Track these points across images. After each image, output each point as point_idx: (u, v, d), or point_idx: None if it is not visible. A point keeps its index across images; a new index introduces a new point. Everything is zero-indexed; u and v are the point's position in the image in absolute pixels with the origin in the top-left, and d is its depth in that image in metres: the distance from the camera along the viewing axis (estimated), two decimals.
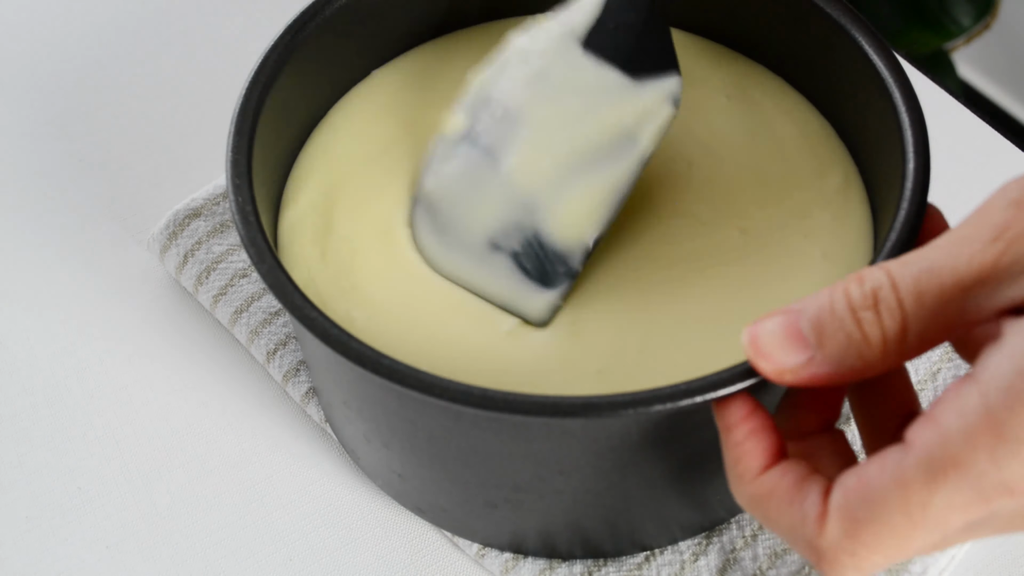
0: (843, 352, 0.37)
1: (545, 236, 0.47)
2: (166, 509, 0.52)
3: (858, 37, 0.48)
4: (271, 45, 0.49)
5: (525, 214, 0.48)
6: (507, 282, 0.48)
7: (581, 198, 0.47)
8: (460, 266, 0.48)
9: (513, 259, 0.48)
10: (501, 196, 0.48)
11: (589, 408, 0.40)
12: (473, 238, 0.48)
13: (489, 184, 0.48)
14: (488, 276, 0.48)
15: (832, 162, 0.51)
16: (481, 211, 0.48)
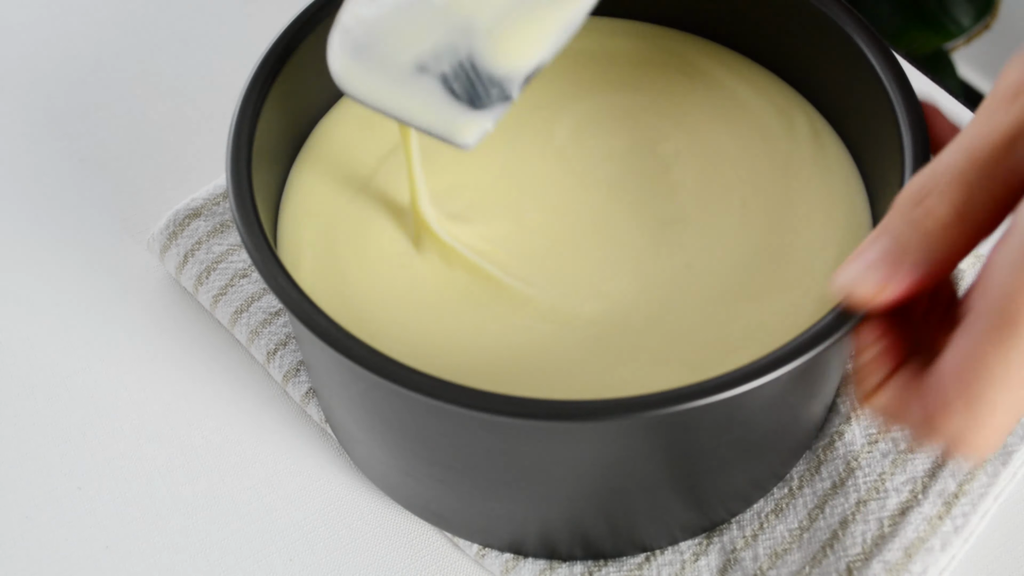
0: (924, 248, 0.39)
1: (480, 59, 0.45)
2: (166, 509, 0.52)
3: (857, 38, 0.48)
4: (271, 45, 0.49)
5: (461, 36, 0.45)
6: (432, 104, 0.45)
7: (525, 23, 0.45)
8: (380, 91, 0.46)
9: (442, 81, 0.45)
10: (438, 18, 0.45)
11: (590, 411, 0.40)
12: (399, 59, 0.45)
13: (423, 6, 0.45)
14: (410, 98, 0.46)
15: (833, 164, 0.51)
16: (413, 33, 0.45)
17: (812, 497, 0.51)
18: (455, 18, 0.45)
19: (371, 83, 0.46)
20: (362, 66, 0.46)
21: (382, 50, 0.45)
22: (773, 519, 0.50)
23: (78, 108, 0.64)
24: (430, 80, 0.45)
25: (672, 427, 0.43)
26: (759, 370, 0.40)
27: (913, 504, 0.50)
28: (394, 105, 0.46)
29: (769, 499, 0.51)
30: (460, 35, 0.45)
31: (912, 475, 0.50)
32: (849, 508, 0.50)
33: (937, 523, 0.49)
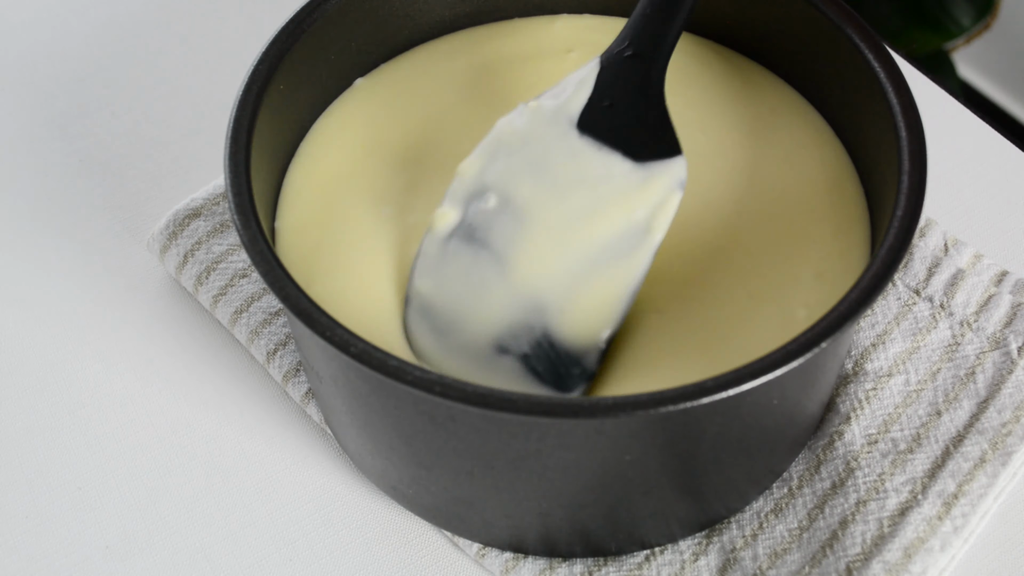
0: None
1: (556, 337, 0.44)
2: (166, 509, 0.52)
3: (856, 39, 0.48)
4: (268, 45, 0.49)
5: (533, 314, 0.44)
6: (519, 387, 0.45)
7: (593, 295, 0.44)
8: (465, 370, 0.45)
9: (523, 362, 0.45)
10: (505, 296, 0.45)
11: (590, 410, 0.40)
12: (477, 341, 0.45)
13: (492, 283, 0.45)
14: (497, 381, 0.45)
15: (831, 165, 0.51)
16: (484, 312, 0.45)
17: (812, 497, 0.51)
18: (523, 295, 0.44)
19: (458, 366, 0.45)
20: (445, 349, 0.45)
21: (460, 331, 0.45)
22: (773, 519, 0.50)
23: (78, 108, 0.64)
24: (513, 362, 0.45)
25: (671, 426, 0.43)
26: (759, 370, 0.40)
27: (913, 504, 0.50)
28: None
29: (768, 499, 0.51)
30: (532, 313, 0.44)
31: (912, 475, 0.50)
32: (849, 508, 0.50)
33: (937, 523, 0.49)
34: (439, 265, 0.46)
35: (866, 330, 0.54)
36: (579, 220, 0.44)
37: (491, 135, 0.46)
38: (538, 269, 0.44)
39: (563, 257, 0.44)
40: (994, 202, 0.59)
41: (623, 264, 0.45)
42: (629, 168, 0.44)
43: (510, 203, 0.45)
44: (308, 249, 0.49)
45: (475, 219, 0.45)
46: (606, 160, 0.45)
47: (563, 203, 0.44)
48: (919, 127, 0.46)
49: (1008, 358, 0.53)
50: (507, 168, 0.45)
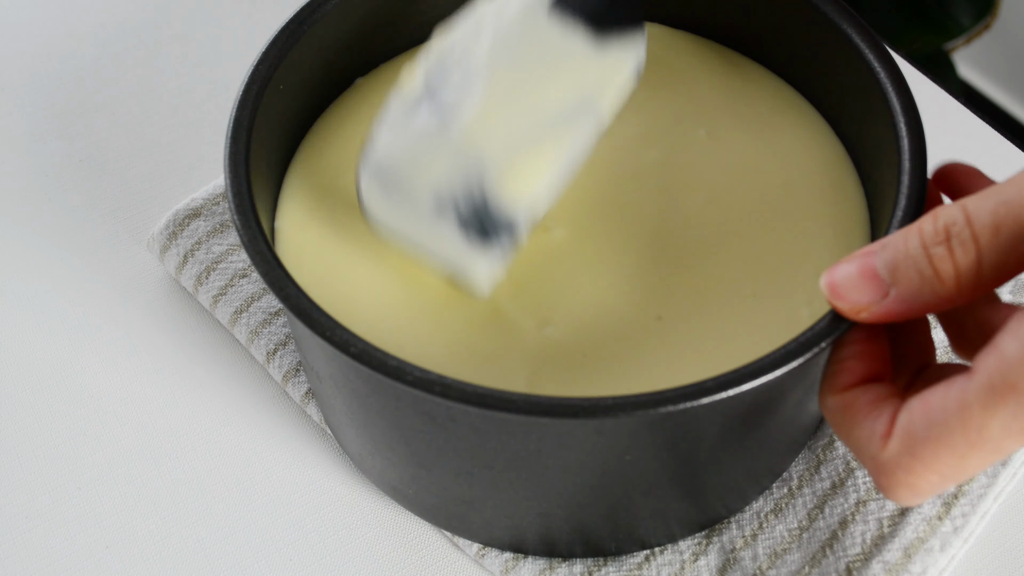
0: (917, 289, 0.38)
1: (491, 198, 0.45)
2: (166, 509, 0.52)
3: (856, 39, 0.48)
4: (267, 45, 0.49)
5: (473, 170, 0.45)
6: (451, 246, 0.46)
7: (531, 158, 0.45)
8: (406, 228, 0.47)
9: (459, 221, 0.46)
10: (451, 154, 0.46)
11: (590, 409, 0.40)
12: (420, 195, 0.46)
13: (441, 142, 0.46)
14: (433, 238, 0.46)
15: (832, 165, 0.51)
16: (430, 170, 0.46)
17: (812, 497, 0.51)
18: (467, 151, 0.45)
19: (399, 222, 0.47)
20: (390, 205, 0.46)
21: (406, 186, 0.46)
22: (772, 519, 0.50)
23: (78, 108, 0.64)
24: (450, 220, 0.46)
25: (671, 426, 0.43)
26: (759, 370, 0.40)
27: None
28: (420, 245, 0.47)
29: (768, 499, 0.51)
30: (473, 173, 0.45)
31: None
32: (849, 508, 0.50)
33: (936, 523, 0.49)
34: (398, 126, 0.47)
35: None
36: (530, 87, 0.46)
37: (471, 10, 0.47)
38: (484, 129, 0.46)
39: (509, 119, 0.45)
40: None
41: (566, 135, 0.46)
42: (588, 45, 0.46)
43: (470, 71, 0.46)
44: (308, 249, 0.49)
45: (435, 82, 0.46)
46: (569, 37, 0.46)
47: (519, 72, 0.46)
48: (919, 127, 0.46)
49: None
50: (475, 41, 0.46)
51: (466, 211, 0.45)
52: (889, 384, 0.41)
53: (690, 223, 0.50)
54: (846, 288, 0.39)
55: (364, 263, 0.49)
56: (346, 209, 0.50)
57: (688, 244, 0.49)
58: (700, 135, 0.52)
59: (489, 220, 0.46)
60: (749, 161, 0.51)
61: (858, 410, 0.40)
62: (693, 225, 0.50)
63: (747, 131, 0.52)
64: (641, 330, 0.47)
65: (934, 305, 0.38)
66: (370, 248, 0.49)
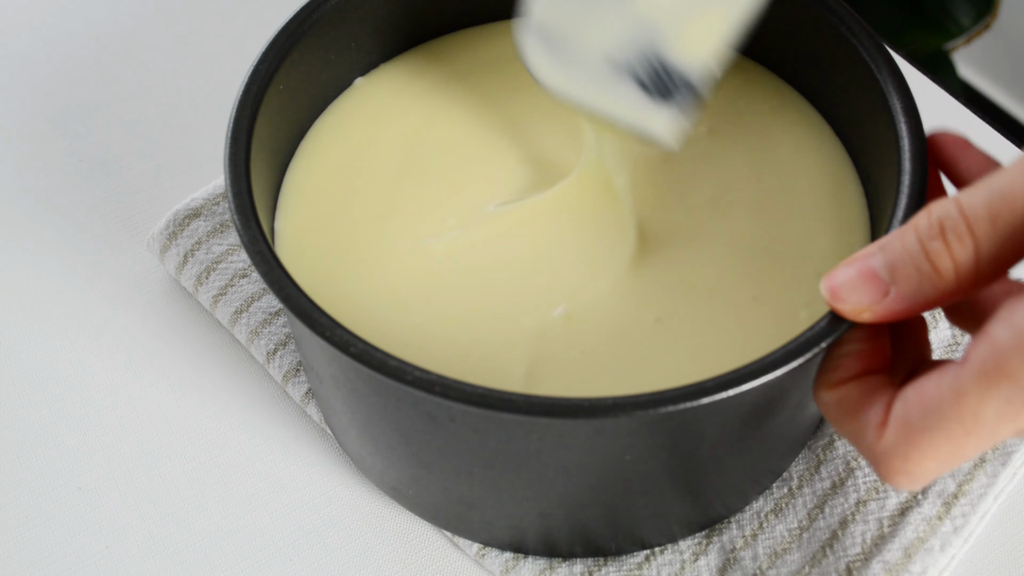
0: (916, 286, 0.38)
1: (667, 55, 0.45)
2: (166, 509, 0.52)
3: (856, 39, 0.48)
4: (267, 45, 0.49)
5: (645, 33, 0.45)
6: (629, 101, 0.46)
7: (704, 22, 0.45)
8: (578, 87, 0.47)
9: (634, 78, 0.46)
10: (620, 15, 0.45)
11: (590, 409, 0.40)
12: (591, 57, 0.46)
13: (608, 4, 0.46)
14: (610, 97, 0.47)
15: (833, 167, 0.51)
16: (599, 30, 0.46)
17: (812, 497, 0.51)
18: (637, 14, 0.45)
19: (570, 80, 0.47)
20: (557, 62, 0.46)
21: (575, 49, 0.46)
22: (773, 519, 0.50)
23: (78, 108, 0.64)
24: (623, 76, 0.46)
25: (672, 426, 0.43)
26: (759, 370, 0.40)
27: (913, 504, 0.50)
28: (595, 102, 0.47)
29: (769, 499, 0.51)
30: (644, 32, 0.45)
31: None
32: (849, 508, 0.50)
33: (937, 523, 0.49)
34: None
35: None
36: None
37: None
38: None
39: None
40: None
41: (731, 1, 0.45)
42: None
43: None
44: (308, 249, 0.49)
45: None
46: None
47: None
48: (919, 127, 0.46)
49: None
50: None
51: (644, 73, 0.46)
52: (884, 376, 0.41)
53: (690, 222, 0.50)
54: (846, 291, 0.40)
55: (364, 263, 0.49)
56: (346, 209, 0.50)
57: (688, 243, 0.49)
58: (701, 134, 0.52)
59: (670, 80, 0.45)
60: (749, 161, 0.51)
61: (853, 402, 0.40)
62: (693, 224, 0.50)
63: (748, 131, 0.52)
64: (641, 330, 0.47)
65: (935, 300, 0.38)
66: (370, 248, 0.49)
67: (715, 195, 0.50)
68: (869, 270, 0.39)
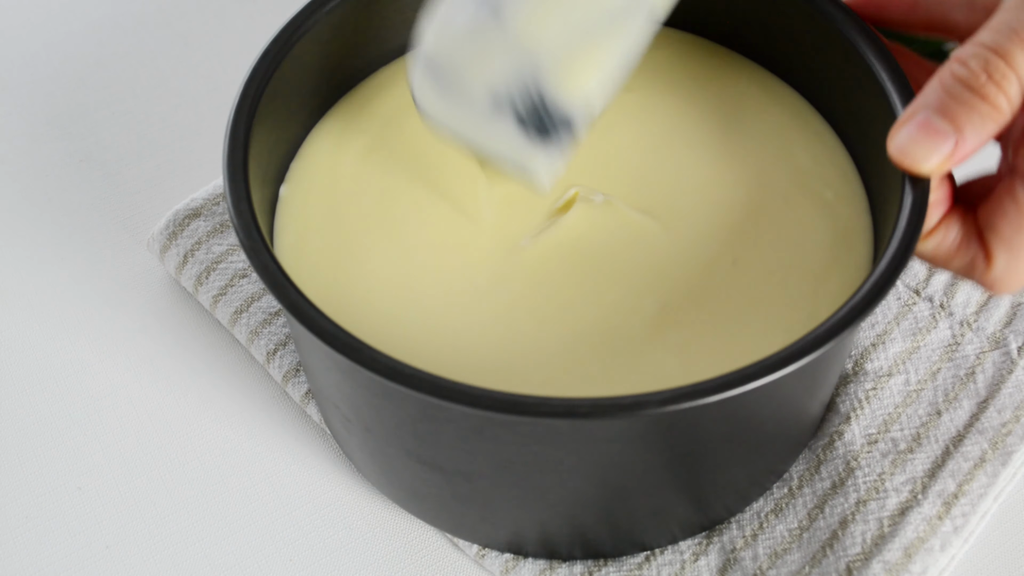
0: (980, 126, 0.42)
1: (548, 93, 0.46)
2: (166, 509, 0.52)
3: (856, 39, 0.48)
4: (269, 44, 0.49)
5: (528, 69, 0.46)
6: (509, 141, 0.47)
7: (586, 56, 0.46)
8: (461, 122, 0.47)
9: (515, 117, 0.46)
10: (505, 51, 0.46)
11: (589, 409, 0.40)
12: (475, 93, 0.47)
13: (494, 38, 0.46)
14: (490, 135, 0.47)
15: (835, 168, 0.51)
16: (485, 66, 0.46)
17: (812, 497, 0.51)
18: (521, 50, 0.46)
19: (454, 117, 0.47)
20: (443, 95, 0.47)
21: (461, 85, 0.47)
22: (773, 519, 0.50)
23: (78, 108, 0.64)
24: (506, 116, 0.46)
25: (671, 427, 0.43)
26: (759, 372, 0.40)
27: (913, 504, 0.50)
28: (476, 140, 0.47)
29: (769, 499, 0.51)
30: (528, 69, 0.46)
31: (912, 475, 0.50)
32: (849, 508, 0.50)
33: (937, 523, 0.49)
34: (449, 23, 0.47)
35: (866, 330, 0.54)
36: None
37: None
38: (537, 26, 0.46)
39: (562, 16, 0.46)
40: None
41: (620, 30, 0.46)
42: None
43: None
44: (307, 250, 0.49)
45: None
46: None
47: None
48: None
49: (1008, 358, 0.53)
50: None
51: (524, 108, 0.46)
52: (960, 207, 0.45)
53: (691, 226, 0.50)
54: (918, 151, 0.43)
55: (364, 263, 0.49)
56: (346, 209, 0.50)
57: (687, 245, 0.49)
58: (700, 136, 0.52)
59: (548, 117, 0.46)
60: (749, 161, 0.51)
61: (950, 244, 0.45)
62: (693, 225, 0.49)
63: (747, 132, 0.52)
64: (640, 330, 0.47)
65: (995, 133, 0.43)
66: (370, 248, 0.49)
67: (715, 195, 0.50)
68: (929, 125, 0.42)
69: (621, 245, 0.49)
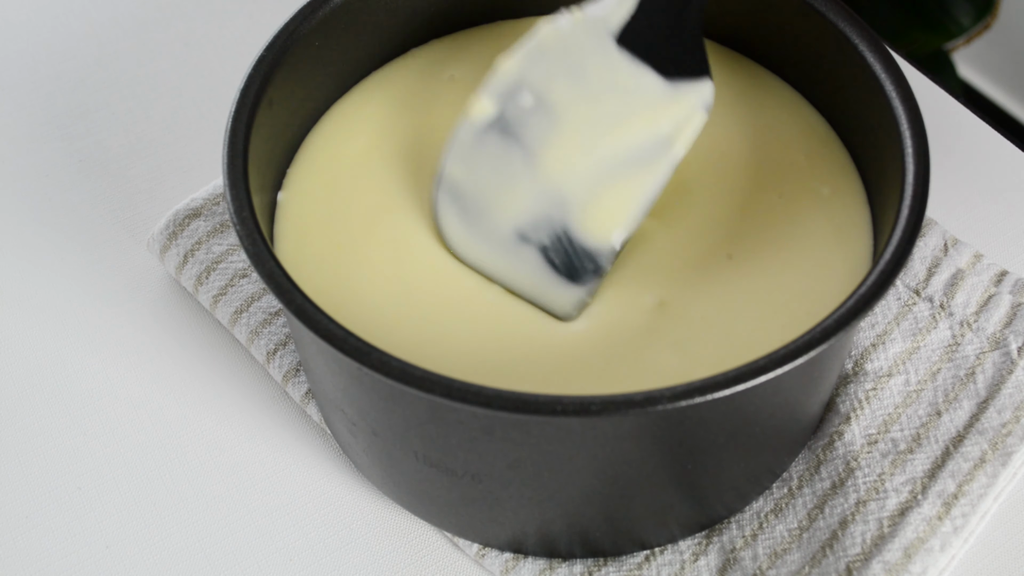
0: None
1: (574, 232, 0.47)
2: (166, 509, 0.52)
3: (856, 39, 0.48)
4: (268, 44, 0.49)
5: (555, 209, 0.47)
6: (535, 275, 0.48)
7: (612, 198, 0.47)
8: (487, 255, 0.48)
9: (541, 253, 0.47)
10: (532, 189, 0.47)
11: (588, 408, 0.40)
12: (501, 228, 0.48)
13: (520, 175, 0.47)
14: (516, 268, 0.48)
15: (832, 164, 0.51)
16: (510, 202, 0.48)
17: (811, 497, 0.51)
18: (548, 189, 0.47)
19: (479, 249, 0.48)
20: (470, 233, 0.48)
21: (486, 218, 0.48)
22: (772, 519, 0.50)
23: (78, 108, 0.64)
24: (532, 251, 0.48)
25: (678, 424, 0.43)
26: (758, 369, 0.40)
27: (913, 504, 0.50)
28: (502, 273, 0.48)
29: (768, 499, 0.51)
30: (554, 207, 0.47)
31: (912, 475, 0.50)
32: (848, 508, 0.50)
33: (937, 524, 0.49)
34: (471, 153, 0.48)
35: (866, 330, 0.54)
36: (607, 125, 0.47)
37: (532, 35, 0.48)
38: (564, 166, 0.47)
39: (588, 158, 0.47)
40: (994, 202, 0.59)
41: (643, 172, 0.47)
42: (660, 84, 0.47)
43: (544, 102, 0.47)
44: (307, 250, 0.49)
45: (510, 114, 0.48)
46: (639, 74, 0.47)
47: (594, 108, 0.47)
48: (921, 128, 0.46)
49: (1008, 358, 0.53)
50: (545, 69, 0.47)
51: (552, 248, 0.47)
52: None
53: (691, 224, 0.50)
54: None
55: (364, 263, 0.49)
56: (346, 209, 0.50)
57: (690, 246, 0.49)
58: (701, 136, 0.52)
59: (576, 256, 0.47)
60: (750, 162, 0.51)
61: None
62: (694, 226, 0.50)
63: (748, 132, 0.52)
64: (640, 330, 0.47)
65: None
66: (370, 248, 0.49)
67: (716, 195, 0.50)
68: None
69: None
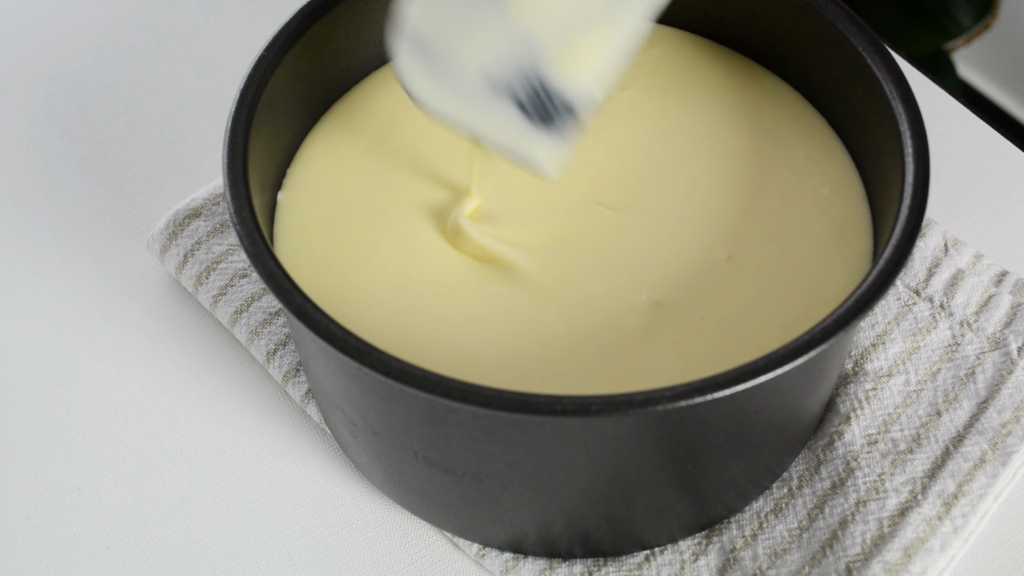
0: None
1: (550, 80, 0.44)
2: (166, 509, 0.52)
3: (856, 39, 0.48)
4: (268, 44, 0.49)
5: (528, 54, 0.44)
6: (509, 125, 0.45)
7: (587, 42, 0.44)
8: (456, 106, 0.45)
9: (515, 102, 0.44)
10: (501, 31, 0.44)
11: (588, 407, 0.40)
12: (469, 76, 0.44)
13: (488, 18, 0.44)
14: (489, 119, 0.45)
15: (832, 164, 0.51)
16: (478, 46, 0.44)
17: (811, 497, 0.51)
18: (520, 33, 0.44)
19: (447, 101, 0.45)
20: (433, 76, 0.45)
21: (449, 58, 0.44)
22: (772, 519, 0.50)
23: (78, 108, 0.64)
24: (504, 100, 0.44)
25: (678, 423, 0.43)
26: (758, 369, 0.40)
27: (912, 504, 0.50)
28: (474, 125, 0.45)
29: (768, 499, 0.51)
30: (527, 53, 0.44)
31: (911, 476, 0.50)
32: (848, 508, 0.50)
33: (936, 524, 0.49)
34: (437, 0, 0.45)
35: (866, 330, 0.54)
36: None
37: None
38: (536, 9, 0.44)
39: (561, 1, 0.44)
40: (994, 202, 0.59)
41: (618, 17, 0.44)
42: None
43: None
44: (307, 250, 0.49)
45: None
46: None
47: None
48: (921, 128, 0.46)
49: (1008, 358, 0.53)
50: None
51: (524, 93, 0.44)
52: None
53: (692, 224, 0.50)
54: None
55: (364, 263, 0.49)
56: (346, 209, 0.50)
57: (687, 244, 0.49)
58: (701, 136, 0.52)
59: (550, 103, 0.44)
60: (750, 163, 0.51)
61: None
62: (695, 226, 0.50)
63: (748, 133, 0.52)
64: (639, 330, 0.47)
65: None
66: (370, 248, 0.49)
67: (716, 195, 0.50)
68: None
69: (618, 241, 0.49)
